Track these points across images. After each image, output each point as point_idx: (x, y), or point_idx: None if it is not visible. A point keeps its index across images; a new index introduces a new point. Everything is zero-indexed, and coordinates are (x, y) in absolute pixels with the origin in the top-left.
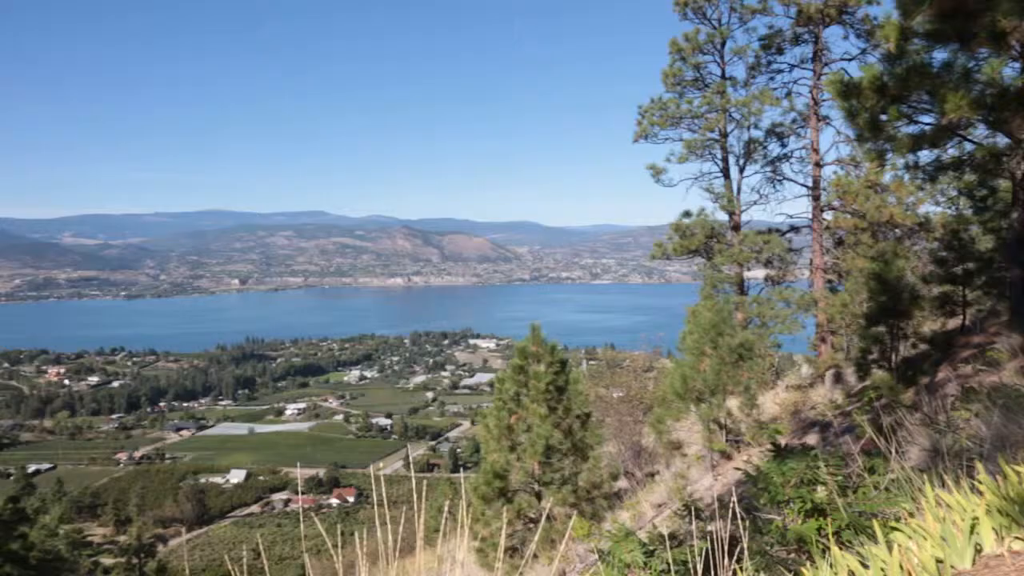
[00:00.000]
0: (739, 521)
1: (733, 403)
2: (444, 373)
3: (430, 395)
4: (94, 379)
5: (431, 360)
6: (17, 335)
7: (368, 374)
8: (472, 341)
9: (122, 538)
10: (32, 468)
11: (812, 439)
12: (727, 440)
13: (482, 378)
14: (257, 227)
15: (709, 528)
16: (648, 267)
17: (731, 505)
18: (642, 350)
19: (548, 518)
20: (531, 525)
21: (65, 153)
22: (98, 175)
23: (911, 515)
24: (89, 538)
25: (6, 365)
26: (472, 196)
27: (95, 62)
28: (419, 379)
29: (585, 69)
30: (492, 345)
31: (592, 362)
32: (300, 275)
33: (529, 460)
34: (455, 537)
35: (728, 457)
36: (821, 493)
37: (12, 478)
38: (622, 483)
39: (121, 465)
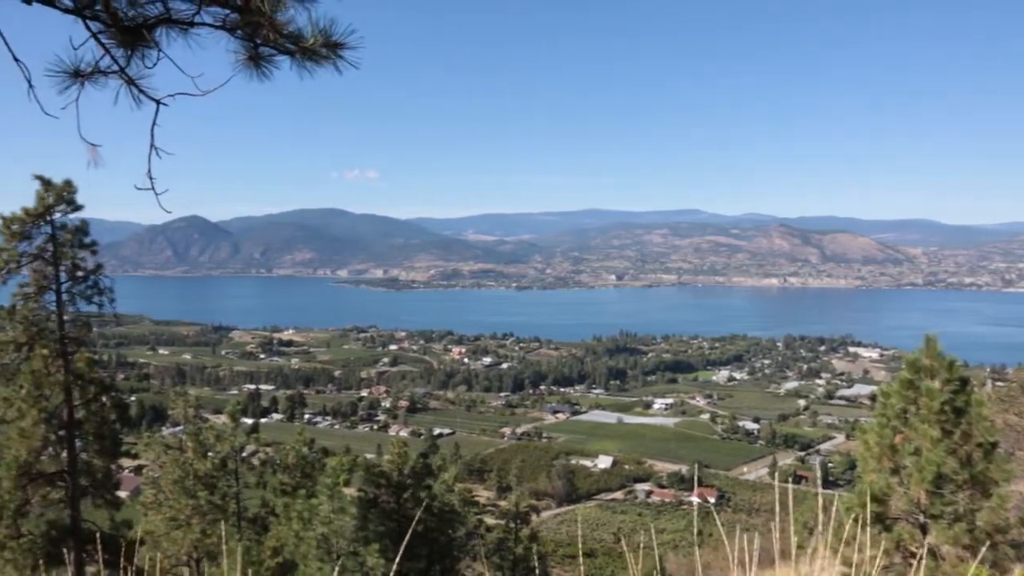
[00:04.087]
0: None
1: None
2: (819, 381)
3: (802, 403)
4: (487, 360)
5: (805, 366)
6: (430, 317)
7: (737, 375)
8: (852, 349)
9: (502, 503)
10: (436, 431)
11: None
12: None
13: (861, 389)
14: (633, 225)
15: None
16: None
17: None
18: None
19: (934, 556)
20: (911, 560)
21: (472, 160)
22: (497, 179)
23: None
24: (476, 498)
25: (422, 342)
26: (857, 192)
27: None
28: (791, 385)
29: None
30: (875, 355)
31: (1000, 384)
32: (673, 272)
33: (915, 487)
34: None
35: None
36: None
37: (422, 437)
38: None
39: (505, 439)
